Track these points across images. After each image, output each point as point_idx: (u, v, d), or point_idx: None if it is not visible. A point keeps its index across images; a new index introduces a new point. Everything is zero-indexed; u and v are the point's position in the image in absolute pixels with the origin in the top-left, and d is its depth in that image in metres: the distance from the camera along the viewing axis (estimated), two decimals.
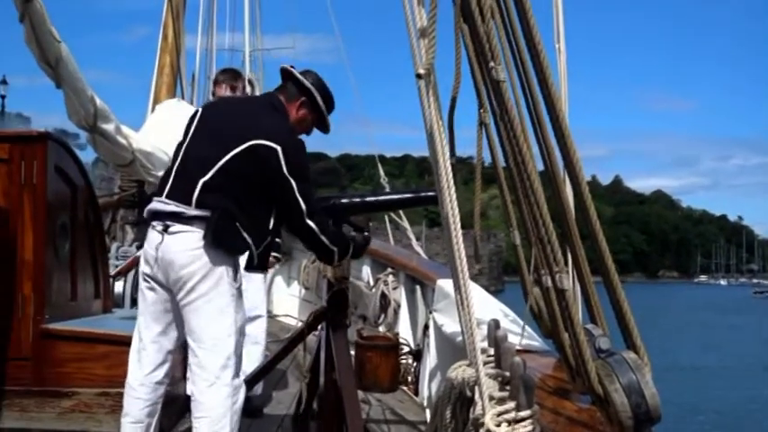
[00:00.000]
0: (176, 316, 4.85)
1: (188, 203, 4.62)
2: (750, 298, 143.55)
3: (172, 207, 4.67)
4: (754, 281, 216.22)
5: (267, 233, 4.84)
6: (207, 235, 4.57)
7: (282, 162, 4.65)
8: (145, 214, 4.93)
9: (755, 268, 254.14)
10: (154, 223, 4.77)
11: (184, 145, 4.94)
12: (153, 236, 4.77)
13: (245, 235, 4.65)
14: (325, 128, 5.26)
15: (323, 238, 4.90)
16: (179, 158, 4.90)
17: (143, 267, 4.89)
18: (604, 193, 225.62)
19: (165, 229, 4.68)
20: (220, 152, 4.68)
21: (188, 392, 6.48)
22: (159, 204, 4.76)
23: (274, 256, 7.58)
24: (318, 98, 5.10)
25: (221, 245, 4.61)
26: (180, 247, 4.64)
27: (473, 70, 3.21)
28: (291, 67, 5.22)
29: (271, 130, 4.75)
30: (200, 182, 4.63)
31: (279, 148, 4.64)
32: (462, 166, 3.03)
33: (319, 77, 5.19)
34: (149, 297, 4.86)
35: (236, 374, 4.79)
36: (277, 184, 4.68)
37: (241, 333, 4.85)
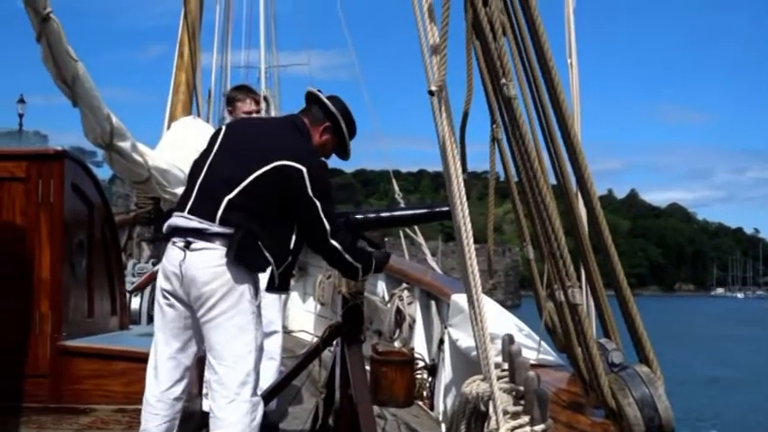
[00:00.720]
0: (195, 332, 4.87)
1: (211, 220, 4.64)
2: (767, 310, 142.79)
3: (194, 223, 4.69)
4: None
5: (289, 253, 4.84)
6: (229, 252, 4.58)
7: (308, 183, 4.67)
8: (165, 229, 4.93)
9: None
10: (175, 239, 4.78)
11: (208, 161, 4.94)
12: (174, 252, 4.77)
13: (267, 254, 4.67)
14: (345, 154, 5.28)
15: (347, 256, 4.91)
16: (202, 175, 4.90)
17: (162, 283, 4.89)
18: (620, 206, 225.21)
19: (187, 246, 4.68)
20: (245, 172, 4.69)
21: (206, 409, 6.51)
22: (181, 220, 4.77)
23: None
24: (343, 124, 5.12)
25: (243, 262, 4.63)
26: (202, 263, 4.65)
27: (485, 86, 3.23)
28: (318, 90, 5.24)
29: (296, 151, 4.78)
30: (225, 199, 4.64)
31: (304, 170, 4.67)
32: (477, 181, 3.05)
33: (344, 104, 5.22)
34: (168, 313, 4.87)
35: (255, 391, 4.80)
36: (302, 204, 4.71)
37: (260, 350, 4.86)
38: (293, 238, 4.84)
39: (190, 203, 4.79)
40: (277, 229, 4.75)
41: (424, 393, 7.44)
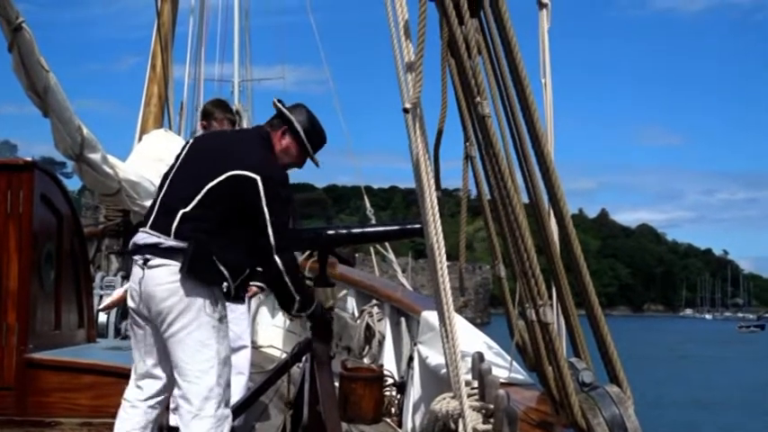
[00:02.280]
0: (165, 347, 4.83)
1: (167, 234, 4.63)
2: (735, 332, 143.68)
3: (153, 239, 4.68)
4: (740, 315, 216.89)
5: (244, 264, 4.80)
6: (182, 267, 4.56)
7: (261, 193, 4.64)
8: (130, 246, 4.92)
9: (741, 302, 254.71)
10: (135, 257, 4.78)
11: (170, 176, 4.94)
12: (135, 270, 4.77)
13: (221, 266, 4.63)
14: (308, 157, 5.23)
15: (287, 279, 4.82)
16: (164, 190, 4.90)
17: (129, 302, 4.89)
18: (591, 226, 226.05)
19: (145, 263, 4.68)
20: (200, 184, 4.68)
21: (172, 423, 6.46)
22: (141, 236, 4.78)
23: (258, 286, 7.57)
24: (297, 125, 5.08)
25: (196, 276, 4.60)
26: (158, 280, 4.64)
27: (459, 104, 3.23)
28: (279, 100, 5.23)
29: (252, 160, 4.75)
30: (180, 212, 4.64)
31: (258, 179, 4.64)
32: (448, 199, 3.04)
33: (307, 110, 5.20)
34: (137, 332, 4.87)
35: (221, 405, 4.75)
36: (253, 215, 4.66)
37: (225, 363, 4.81)
38: (249, 250, 4.79)
39: (152, 218, 4.81)
40: (233, 241, 4.70)
41: (393, 410, 7.41)
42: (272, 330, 12.50)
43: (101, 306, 7.74)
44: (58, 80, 5.81)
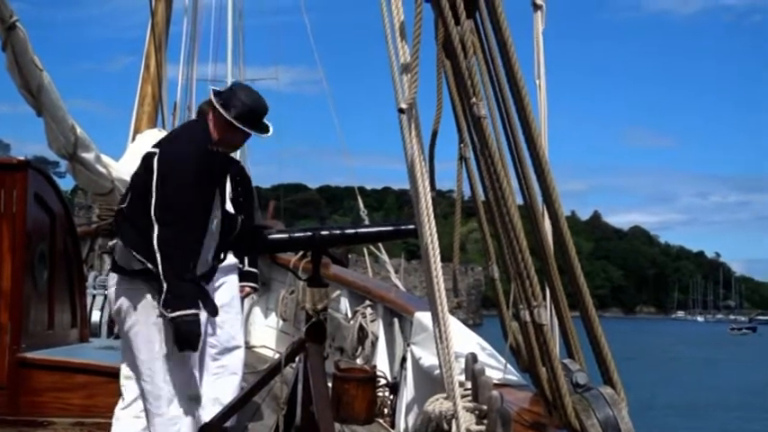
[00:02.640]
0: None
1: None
2: (727, 334, 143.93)
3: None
4: (731, 317, 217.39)
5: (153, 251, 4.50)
6: (113, 265, 4.59)
7: (155, 168, 4.51)
8: None
9: (732, 305, 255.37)
10: None
11: None
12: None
13: (138, 256, 4.47)
14: (240, 127, 5.03)
15: (158, 259, 4.45)
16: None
17: None
18: (584, 228, 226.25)
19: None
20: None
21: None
22: None
23: (251, 287, 7.56)
24: (213, 98, 4.93)
25: (121, 271, 4.57)
26: (110, 284, 4.70)
27: (454, 105, 3.23)
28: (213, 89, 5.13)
29: (164, 139, 4.75)
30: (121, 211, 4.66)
31: (157, 152, 4.57)
32: (441, 200, 3.05)
33: (236, 85, 5.30)
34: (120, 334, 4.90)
35: (173, 404, 4.74)
36: (150, 193, 4.50)
37: (169, 358, 4.73)
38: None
39: None
40: (145, 227, 4.48)
41: (386, 411, 7.42)
42: (265, 331, 12.49)
43: None
44: (52, 79, 5.81)
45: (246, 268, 7.42)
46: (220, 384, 6.98)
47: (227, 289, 7.20)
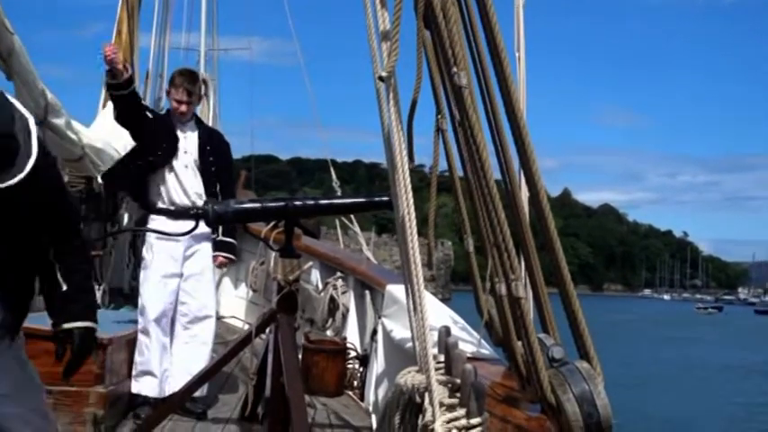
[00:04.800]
0: None
1: None
2: (693, 313, 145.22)
3: None
4: (698, 296, 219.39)
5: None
6: None
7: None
8: None
9: (699, 284, 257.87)
10: None
11: None
12: None
13: None
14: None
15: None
16: None
17: None
18: (553, 205, 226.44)
19: None
20: None
21: (134, 390, 6.41)
22: None
23: (226, 257, 7.52)
24: None
25: None
26: None
27: (432, 76, 3.20)
28: None
29: None
30: None
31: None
32: (413, 174, 3.01)
33: None
34: None
35: None
36: None
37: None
38: None
39: None
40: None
41: (355, 383, 7.42)
42: (235, 301, 12.47)
43: None
44: (23, 44, 5.72)
45: (220, 237, 7.38)
46: (190, 354, 6.96)
47: (198, 258, 7.16)
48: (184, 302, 7.05)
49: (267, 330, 5.74)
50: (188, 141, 7.15)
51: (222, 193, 7.11)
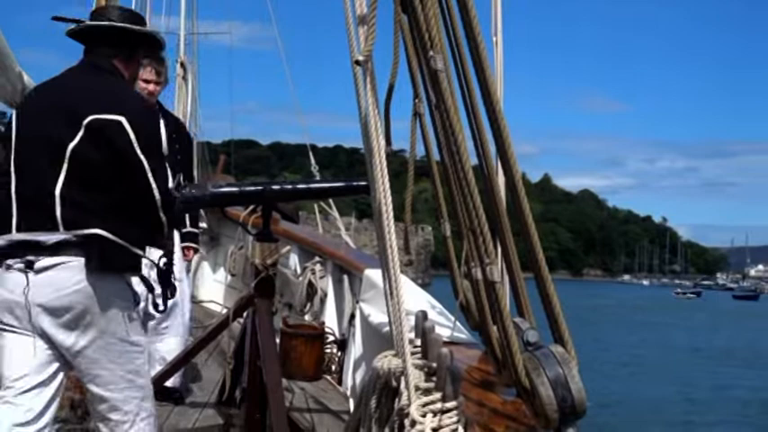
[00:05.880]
0: (64, 364, 4.07)
1: (50, 228, 3.86)
2: (671, 298, 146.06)
3: (28, 237, 3.87)
4: (677, 281, 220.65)
5: (146, 232, 4.09)
6: (90, 262, 3.82)
7: (132, 137, 3.88)
8: None
9: (678, 269, 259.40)
10: (8, 262, 3.91)
11: (12, 161, 4.08)
12: (12, 277, 3.90)
13: (131, 247, 3.93)
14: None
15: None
16: (13, 180, 4.04)
17: (3, 316, 4.01)
18: (533, 190, 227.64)
19: (29, 266, 3.85)
20: (58, 151, 3.90)
21: None
22: (10, 238, 3.93)
23: (194, 248, 7.51)
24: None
25: (113, 268, 3.90)
26: (60, 285, 3.85)
27: (409, 60, 3.20)
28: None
29: (106, 97, 3.98)
30: (56, 196, 3.86)
31: (123, 119, 3.88)
32: (393, 159, 3.01)
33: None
34: (17, 349, 3.98)
35: (153, 418, 4.21)
36: (128, 166, 3.91)
37: (145, 361, 4.25)
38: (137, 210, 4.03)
39: (13, 219, 3.96)
40: (124, 209, 3.95)
41: (333, 368, 7.43)
42: (214, 285, 12.46)
43: None
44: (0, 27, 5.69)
45: (188, 229, 7.35)
46: (164, 345, 6.92)
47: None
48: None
49: (245, 314, 5.75)
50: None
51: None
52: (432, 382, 2.67)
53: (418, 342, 3.04)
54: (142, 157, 3.90)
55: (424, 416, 2.52)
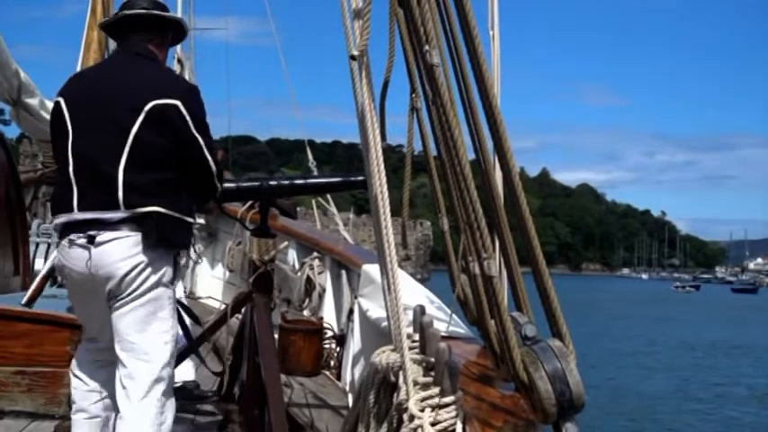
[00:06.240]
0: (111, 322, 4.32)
1: (112, 207, 4.11)
2: (671, 291, 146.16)
3: (90, 215, 4.14)
4: (675, 275, 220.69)
5: (193, 209, 4.46)
6: (149, 236, 4.09)
7: (188, 119, 4.23)
8: (55, 229, 4.45)
9: (677, 263, 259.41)
10: (71, 238, 4.20)
11: (70, 143, 4.29)
12: (73, 253, 4.20)
13: (186, 218, 4.28)
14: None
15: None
16: (70, 161, 4.27)
17: (71, 294, 4.53)
18: (532, 184, 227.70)
19: (90, 241, 4.12)
20: (121, 136, 4.14)
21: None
22: (65, 218, 4.24)
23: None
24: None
25: (168, 243, 4.19)
26: (117, 256, 4.10)
27: (406, 54, 3.19)
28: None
29: (159, 83, 4.29)
30: (119, 178, 4.10)
31: (179, 103, 4.21)
32: (391, 154, 3.01)
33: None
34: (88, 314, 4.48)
35: (169, 390, 4.33)
36: (186, 146, 4.27)
37: (176, 342, 4.46)
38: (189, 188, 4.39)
39: (74, 200, 4.20)
40: (179, 186, 4.29)
41: (332, 363, 7.43)
42: (212, 281, 12.45)
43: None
44: None
45: None
46: None
47: None
48: None
49: (243, 310, 5.74)
50: None
51: None
52: (430, 376, 2.66)
53: (416, 337, 3.03)
54: (197, 134, 4.26)
55: (422, 410, 2.52)
